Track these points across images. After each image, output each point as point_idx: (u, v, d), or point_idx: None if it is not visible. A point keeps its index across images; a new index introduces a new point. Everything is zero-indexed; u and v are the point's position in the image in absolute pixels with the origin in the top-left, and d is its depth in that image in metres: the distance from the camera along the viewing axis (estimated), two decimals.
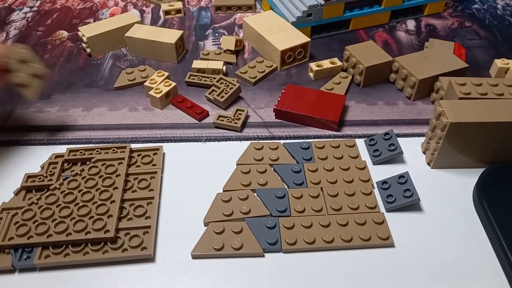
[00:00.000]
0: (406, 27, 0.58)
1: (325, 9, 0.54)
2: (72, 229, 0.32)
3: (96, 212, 0.34)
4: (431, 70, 0.46)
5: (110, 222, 0.33)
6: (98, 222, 0.33)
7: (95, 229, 0.32)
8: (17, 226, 0.32)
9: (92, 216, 0.33)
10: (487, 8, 0.62)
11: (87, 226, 0.33)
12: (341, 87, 0.48)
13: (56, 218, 0.33)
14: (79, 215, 0.33)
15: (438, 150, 0.38)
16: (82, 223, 0.33)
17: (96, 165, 0.37)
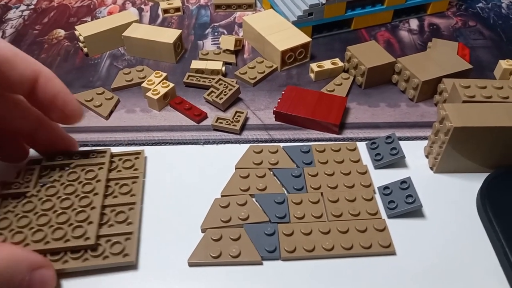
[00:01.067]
0: (409, 27, 0.57)
1: (326, 8, 0.53)
2: (50, 237, 0.31)
3: (75, 219, 0.32)
4: (435, 71, 0.45)
5: (91, 229, 0.32)
6: (78, 230, 0.32)
7: (74, 236, 0.31)
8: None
9: (72, 223, 0.32)
10: (491, 7, 0.61)
11: (67, 234, 0.31)
12: (343, 89, 0.47)
13: (33, 227, 0.32)
14: (58, 222, 0.32)
15: (441, 154, 0.37)
16: (61, 231, 0.32)
17: (75, 171, 0.36)
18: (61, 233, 0.31)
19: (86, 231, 0.32)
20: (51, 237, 0.31)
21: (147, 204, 0.36)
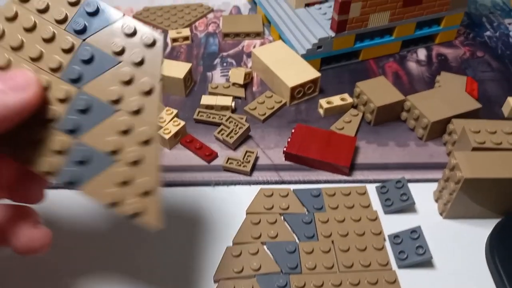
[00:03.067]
0: (417, 57, 0.58)
1: (335, 41, 0.53)
2: None
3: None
4: (444, 111, 0.45)
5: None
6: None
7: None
8: None
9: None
10: (499, 36, 0.61)
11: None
12: (352, 126, 0.47)
13: None
14: None
15: (451, 202, 0.37)
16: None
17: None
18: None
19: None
20: None
21: (156, 250, 0.37)
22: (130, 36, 0.26)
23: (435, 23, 0.58)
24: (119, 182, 0.26)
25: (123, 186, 0.26)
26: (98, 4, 0.26)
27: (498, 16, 0.65)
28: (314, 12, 0.56)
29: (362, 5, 0.50)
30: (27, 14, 0.26)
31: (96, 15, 0.26)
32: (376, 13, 0.52)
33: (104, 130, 0.26)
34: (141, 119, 0.26)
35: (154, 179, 0.26)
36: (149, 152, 0.26)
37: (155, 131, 0.26)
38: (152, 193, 0.26)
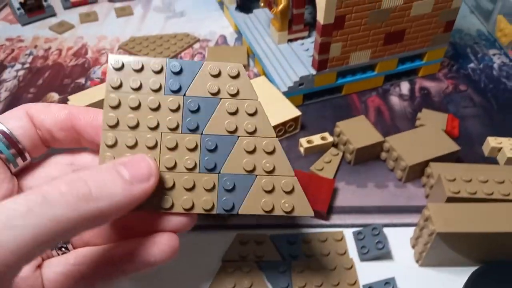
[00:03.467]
0: (400, 91, 0.58)
1: (317, 78, 0.53)
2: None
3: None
4: (422, 154, 0.45)
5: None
6: None
7: None
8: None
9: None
10: (483, 68, 0.61)
11: None
12: (332, 166, 0.47)
13: None
14: None
15: (426, 252, 0.38)
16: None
17: None
18: None
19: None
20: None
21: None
22: (218, 76, 0.30)
23: (418, 57, 0.58)
24: (267, 191, 0.30)
25: (271, 193, 0.30)
26: (179, 63, 0.30)
27: (483, 47, 0.65)
28: (297, 47, 0.56)
29: (342, 45, 0.51)
30: (127, 96, 0.29)
31: (182, 72, 0.30)
32: (357, 52, 0.52)
33: (236, 157, 0.30)
34: (260, 136, 0.30)
35: (291, 178, 0.30)
36: (278, 158, 0.30)
37: (275, 140, 0.30)
38: (294, 189, 0.30)
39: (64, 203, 0.23)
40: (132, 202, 0.26)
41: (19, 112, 0.30)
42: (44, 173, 0.32)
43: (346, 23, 0.49)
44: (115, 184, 0.25)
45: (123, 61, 0.29)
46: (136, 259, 0.28)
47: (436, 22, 0.54)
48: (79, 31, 0.70)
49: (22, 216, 0.21)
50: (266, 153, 0.30)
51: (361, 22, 0.50)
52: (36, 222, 0.21)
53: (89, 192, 0.24)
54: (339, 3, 0.47)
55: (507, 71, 0.61)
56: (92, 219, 0.24)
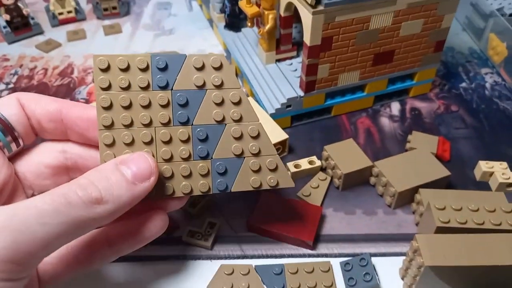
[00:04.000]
0: (390, 111, 0.57)
1: (305, 99, 0.52)
2: None
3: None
4: (412, 180, 0.44)
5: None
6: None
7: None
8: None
9: None
10: (475, 87, 0.60)
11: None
12: (319, 192, 0.46)
13: None
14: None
15: (416, 285, 0.36)
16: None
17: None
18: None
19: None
20: None
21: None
22: (202, 69, 0.32)
23: (409, 77, 0.57)
24: (255, 170, 0.34)
25: (258, 172, 0.34)
26: (164, 58, 0.31)
27: (475, 65, 0.64)
28: (285, 68, 0.55)
29: (330, 66, 0.50)
30: (117, 95, 0.31)
31: (167, 67, 0.31)
32: (345, 73, 0.51)
33: (225, 143, 0.33)
34: (245, 122, 0.33)
35: (274, 157, 0.34)
36: (262, 141, 0.34)
37: (259, 125, 0.34)
38: (278, 167, 0.35)
39: (82, 205, 0.26)
40: (135, 201, 0.29)
41: (11, 100, 0.31)
42: (37, 159, 0.34)
43: (334, 44, 0.48)
44: (120, 186, 0.28)
45: (109, 61, 0.30)
46: (133, 237, 0.31)
47: (426, 42, 0.53)
48: (66, 50, 0.69)
49: (50, 215, 0.24)
50: (252, 138, 0.33)
51: (349, 43, 0.49)
52: (61, 221, 0.25)
53: (100, 196, 0.27)
54: (325, 25, 0.46)
55: (500, 90, 0.60)
56: (101, 219, 0.27)
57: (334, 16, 0.45)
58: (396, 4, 0.47)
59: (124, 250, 0.32)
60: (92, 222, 0.26)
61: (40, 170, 0.33)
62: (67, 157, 0.34)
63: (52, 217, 0.24)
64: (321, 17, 0.45)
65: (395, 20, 0.48)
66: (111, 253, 0.32)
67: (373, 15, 0.47)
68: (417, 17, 0.49)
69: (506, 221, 0.38)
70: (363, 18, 0.47)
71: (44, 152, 0.34)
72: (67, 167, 0.34)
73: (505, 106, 0.57)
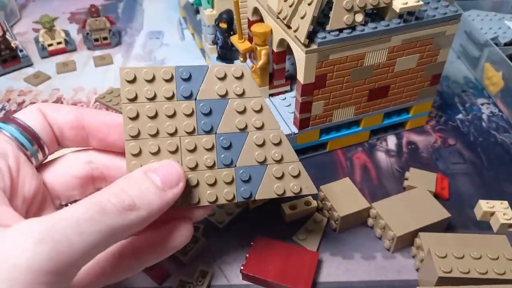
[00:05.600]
0: (386, 146, 0.55)
1: (299, 136, 0.51)
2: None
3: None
4: (411, 222, 0.42)
5: None
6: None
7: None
8: None
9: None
10: (471, 119, 0.59)
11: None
12: (315, 235, 0.44)
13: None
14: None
15: None
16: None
17: None
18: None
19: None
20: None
21: None
22: (224, 78, 0.33)
23: (405, 110, 0.56)
24: (278, 177, 0.34)
25: (281, 179, 0.35)
26: (187, 69, 0.32)
27: (471, 95, 0.64)
28: (278, 103, 0.54)
29: (324, 103, 0.49)
30: (143, 106, 0.32)
31: (191, 78, 0.32)
32: (340, 109, 0.50)
33: (248, 150, 0.34)
34: (267, 129, 0.34)
35: (297, 164, 0.35)
36: (284, 148, 0.34)
37: (281, 132, 0.34)
38: (300, 173, 0.35)
39: (117, 212, 0.26)
40: (165, 207, 0.29)
41: (34, 109, 0.32)
42: (65, 169, 0.34)
43: (328, 82, 0.47)
44: (151, 192, 0.28)
45: (135, 73, 0.31)
46: (159, 247, 0.31)
47: (421, 76, 0.52)
48: (55, 82, 0.68)
49: (86, 223, 0.24)
50: (274, 145, 0.34)
51: (344, 80, 0.48)
52: (97, 229, 0.25)
53: (133, 203, 0.27)
54: (319, 63, 0.45)
55: (497, 122, 0.59)
56: (134, 226, 0.27)
57: (328, 54, 0.44)
58: (391, 41, 0.46)
59: (150, 261, 0.32)
60: (125, 229, 0.27)
61: (68, 180, 0.34)
62: (93, 167, 0.35)
63: (88, 225, 0.25)
64: (314, 56, 0.44)
65: (390, 56, 0.48)
66: (137, 264, 0.32)
67: (367, 52, 0.46)
68: (412, 53, 0.49)
69: (510, 270, 0.36)
70: (357, 56, 0.46)
71: (71, 163, 0.34)
72: (93, 177, 0.35)
73: (503, 139, 0.56)
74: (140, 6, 0.89)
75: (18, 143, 0.30)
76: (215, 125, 0.33)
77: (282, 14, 0.46)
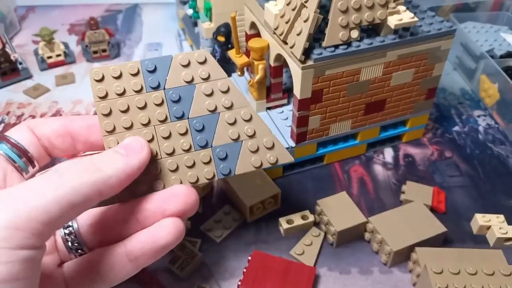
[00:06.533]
0: (383, 158, 0.56)
1: (296, 149, 0.51)
2: None
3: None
4: (408, 237, 0.43)
5: None
6: None
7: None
8: None
9: None
10: (468, 131, 0.60)
11: None
12: (313, 250, 0.45)
13: None
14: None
15: None
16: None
17: None
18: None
19: None
20: None
21: None
22: (188, 65, 0.34)
23: (401, 124, 0.56)
24: (253, 151, 0.36)
25: (257, 152, 0.36)
26: (152, 61, 0.33)
27: (467, 107, 0.64)
28: (275, 116, 0.55)
29: (321, 117, 0.49)
30: (115, 101, 0.33)
31: (156, 69, 0.33)
32: (337, 122, 0.50)
33: (221, 130, 0.35)
34: (237, 108, 0.35)
35: (270, 136, 0.36)
36: (256, 123, 0.36)
37: (250, 108, 0.35)
38: (274, 144, 0.36)
39: (74, 173, 0.27)
40: (131, 172, 0.30)
41: (22, 127, 0.34)
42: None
43: (324, 97, 0.47)
44: (115, 158, 0.30)
45: (103, 72, 0.33)
46: (150, 247, 0.31)
47: (417, 90, 0.52)
48: (54, 95, 0.68)
49: (44, 183, 0.26)
50: (245, 121, 0.35)
51: (340, 94, 0.48)
52: (54, 187, 0.26)
53: (93, 164, 0.29)
54: (315, 79, 0.45)
55: (493, 134, 0.59)
56: (101, 186, 0.28)
57: (324, 70, 0.45)
58: (386, 56, 0.47)
59: (144, 262, 0.32)
60: (91, 189, 0.27)
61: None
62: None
63: (46, 186, 0.26)
64: (310, 71, 0.44)
65: (386, 71, 0.48)
66: (131, 267, 0.32)
67: (363, 67, 0.46)
68: (408, 67, 0.49)
69: (506, 285, 0.37)
70: (353, 71, 0.46)
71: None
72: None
73: (499, 151, 0.57)
74: (139, 17, 0.89)
75: (7, 157, 0.33)
76: (187, 111, 0.34)
77: (279, 30, 0.46)
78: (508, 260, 0.41)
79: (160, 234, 0.31)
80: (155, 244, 0.31)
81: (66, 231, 0.32)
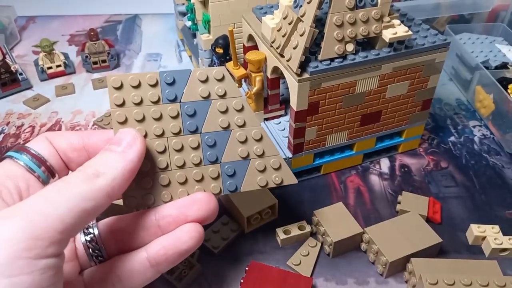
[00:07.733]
0: (380, 169, 0.56)
1: (293, 160, 0.52)
2: None
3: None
4: (403, 248, 0.43)
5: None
6: None
7: None
8: None
9: None
10: (463, 141, 0.60)
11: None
12: (310, 260, 0.45)
13: None
14: None
15: None
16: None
17: None
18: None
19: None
20: None
21: None
22: (206, 81, 0.35)
23: (397, 134, 0.57)
24: (260, 170, 0.37)
25: (264, 172, 0.37)
26: (171, 74, 0.34)
27: (463, 118, 0.65)
28: (273, 127, 0.55)
29: (317, 129, 0.49)
30: (131, 110, 0.33)
31: (174, 82, 0.34)
32: (333, 134, 0.51)
33: (232, 147, 0.36)
34: (248, 127, 0.36)
35: (277, 157, 0.37)
36: (265, 143, 0.37)
37: (262, 129, 0.36)
38: (281, 165, 0.38)
39: (81, 181, 0.28)
40: (132, 166, 0.31)
41: (40, 138, 0.35)
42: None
43: (321, 108, 0.48)
44: (112, 157, 0.30)
45: (121, 80, 0.33)
46: (171, 252, 0.32)
47: (413, 102, 0.53)
48: (54, 105, 0.69)
49: (54, 193, 0.27)
50: (256, 141, 0.36)
51: (336, 106, 0.49)
52: (65, 197, 0.27)
53: (97, 171, 0.29)
54: (311, 91, 0.46)
55: (488, 145, 0.60)
56: (108, 189, 0.29)
57: (320, 82, 0.45)
58: (382, 69, 0.47)
59: (165, 267, 0.33)
60: (99, 194, 0.28)
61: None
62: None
63: (55, 195, 0.27)
64: (307, 84, 0.45)
65: (381, 83, 0.49)
66: (152, 272, 0.33)
67: (358, 79, 0.47)
68: (403, 79, 0.50)
69: None
70: (349, 83, 0.47)
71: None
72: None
73: (494, 162, 0.57)
74: (138, 27, 0.90)
75: (28, 168, 0.33)
76: (200, 125, 0.35)
77: (276, 43, 0.47)
78: (503, 271, 0.41)
79: (183, 239, 0.32)
80: (178, 249, 0.33)
81: (88, 238, 0.34)
